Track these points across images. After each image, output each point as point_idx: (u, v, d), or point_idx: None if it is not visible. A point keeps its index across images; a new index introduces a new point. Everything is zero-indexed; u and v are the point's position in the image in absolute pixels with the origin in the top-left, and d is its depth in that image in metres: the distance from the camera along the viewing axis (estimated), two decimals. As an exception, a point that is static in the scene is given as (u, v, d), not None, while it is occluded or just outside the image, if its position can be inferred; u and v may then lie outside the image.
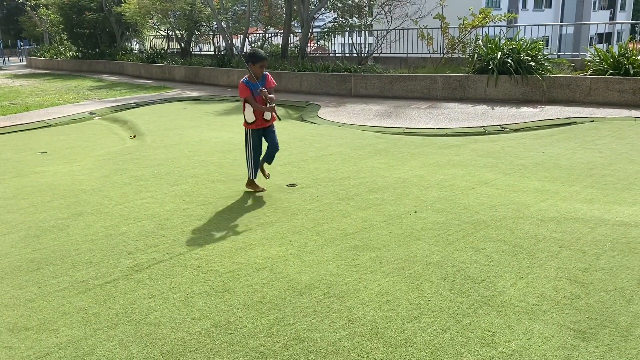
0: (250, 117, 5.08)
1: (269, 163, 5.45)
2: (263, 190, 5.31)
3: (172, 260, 3.79)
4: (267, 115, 5.11)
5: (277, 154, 5.34)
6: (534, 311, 2.98)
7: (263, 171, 5.43)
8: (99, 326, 2.97)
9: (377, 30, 16.36)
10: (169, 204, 5.03)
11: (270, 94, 5.02)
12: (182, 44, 20.64)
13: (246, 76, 5.08)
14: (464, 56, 12.58)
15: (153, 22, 21.44)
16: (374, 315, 2.99)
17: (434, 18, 12.91)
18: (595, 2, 48.38)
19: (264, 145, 5.27)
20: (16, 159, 7.29)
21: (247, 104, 5.05)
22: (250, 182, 5.34)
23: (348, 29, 17.47)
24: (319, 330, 2.87)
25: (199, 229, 4.39)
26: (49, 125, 10.11)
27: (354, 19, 17.51)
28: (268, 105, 5.02)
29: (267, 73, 5.12)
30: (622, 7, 52.71)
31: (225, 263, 3.72)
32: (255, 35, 19.62)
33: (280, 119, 5.31)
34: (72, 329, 2.96)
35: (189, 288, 3.38)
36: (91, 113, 11.42)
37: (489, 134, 8.02)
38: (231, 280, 3.46)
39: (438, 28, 13.23)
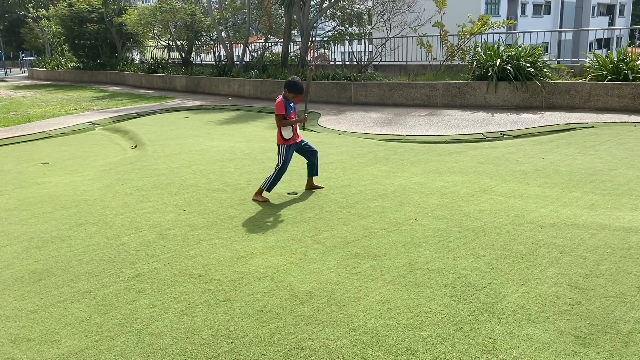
0: (288, 134, 5.25)
1: (316, 175, 5.65)
2: (267, 200, 5.34)
3: (173, 270, 3.80)
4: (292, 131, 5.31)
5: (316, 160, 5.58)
6: (534, 317, 2.99)
7: (316, 187, 5.68)
8: (100, 337, 2.98)
9: (377, 38, 16.42)
10: (170, 214, 5.05)
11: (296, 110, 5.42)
12: (183, 54, 20.73)
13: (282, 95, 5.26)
14: (463, 63, 12.62)
15: (154, 33, 21.55)
16: (375, 323, 2.99)
17: (433, 26, 12.97)
18: (594, 8, 48.60)
19: (298, 162, 5.45)
20: (18, 170, 7.32)
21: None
22: (260, 193, 5.38)
23: (348, 37, 17.54)
24: (320, 339, 2.87)
25: (200, 238, 4.40)
26: (51, 136, 10.15)
27: (354, 27, 17.59)
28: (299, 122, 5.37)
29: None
30: (621, 13, 52.94)
31: (226, 272, 3.73)
32: (255, 44, 19.72)
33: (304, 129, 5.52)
34: (74, 339, 2.97)
35: (190, 298, 3.39)
36: (92, 123, 11.47)
37: (489, 140, 8.03)
38: (232, 290, 3.46)
39: (437, 36, 13.28)
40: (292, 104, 5.27)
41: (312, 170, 5.59)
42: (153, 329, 3.04)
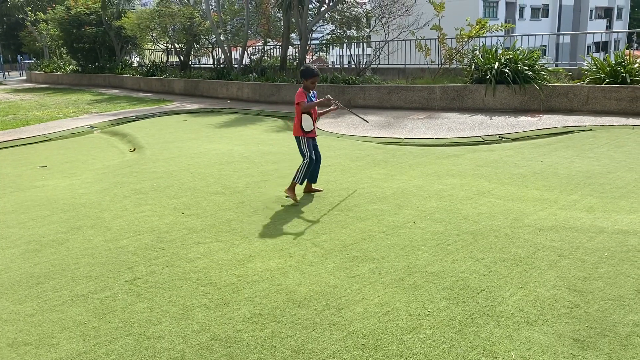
0: (308, 126, 5.28)
1: (314, 182, 5.66)
2: (296, 201, 5.31)
3: (171, 274, 3.79)
4: (309, 125, 5.32)
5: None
6: (533, 321, 2.98)
7: (314, 190, 5.67)
8: (98, 340, 2.97)
9: (375, 41, 16.45)
10: (169, 217, 5.04)
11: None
12: (182, 57, 20.75)
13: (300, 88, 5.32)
14: (461, 66, 12.64)
15: (152, 36, 21.57)
16: (374, 327, 2.99)
17: (431, 29, 12.99)
18: (591, 11, 48.77)
19: (297, 165, 5.49)
20: (16, 173, 7.31)
21: (304, 114, 5.24)
22: (292, 188, 5.35)
23: (346, 40, 17.56)
24: (318, 342, 2.87)
25: (198, 241, 4.39)
26: (49, 140, 10.14)
27: (352, 30, 17.61)
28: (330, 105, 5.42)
29: (314, 92, 5.40)
30: (619, 16, 53.13)
31: (225, 275, 3.72)
32: (254, 47, 19.74)
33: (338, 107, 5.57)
34: (72, 343, 2.96)
35: (188, 301, 3.38)
36: (91, 127, 11.46)
37: (487, 143, 8.04)
38: (230, 293, 3.46)
39: (435, 39, 13.30)
40: (312, 97, 5.31)
41: (313, 176, 5.58)
42: (151, 332, 3.03)
